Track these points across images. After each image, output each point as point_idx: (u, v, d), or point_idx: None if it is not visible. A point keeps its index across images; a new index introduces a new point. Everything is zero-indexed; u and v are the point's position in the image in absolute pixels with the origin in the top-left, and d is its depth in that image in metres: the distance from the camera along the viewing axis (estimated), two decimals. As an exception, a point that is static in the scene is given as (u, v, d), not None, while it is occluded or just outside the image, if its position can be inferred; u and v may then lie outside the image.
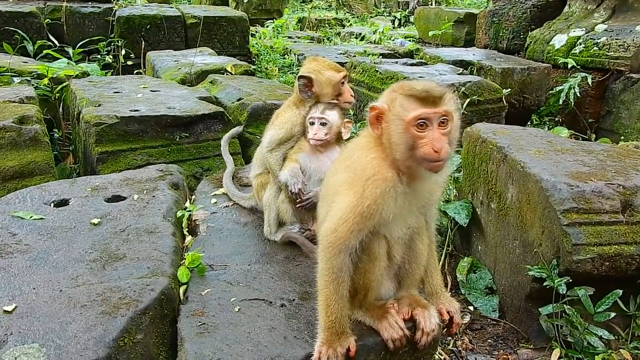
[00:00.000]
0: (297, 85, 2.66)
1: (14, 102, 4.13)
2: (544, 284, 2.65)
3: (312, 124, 2.54)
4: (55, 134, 4.91)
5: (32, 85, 4.99)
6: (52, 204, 2.80)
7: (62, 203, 2.82)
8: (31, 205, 2.77)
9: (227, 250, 2.49)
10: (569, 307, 2.66)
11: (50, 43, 6.76)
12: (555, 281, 2.62)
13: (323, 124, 2.52)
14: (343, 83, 2.65)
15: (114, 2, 8.36)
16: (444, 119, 1.76)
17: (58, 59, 5.91)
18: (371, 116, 1.86)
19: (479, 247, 3.42)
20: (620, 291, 2.66)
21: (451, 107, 1.78)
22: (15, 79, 5.14)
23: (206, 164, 3.98)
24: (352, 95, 2.67)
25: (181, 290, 2.19)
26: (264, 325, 1.95)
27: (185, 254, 2.38)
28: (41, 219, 2.62)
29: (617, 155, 3.13)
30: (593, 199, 2.67)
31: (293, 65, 8.13)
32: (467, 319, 3.09)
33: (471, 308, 3.18)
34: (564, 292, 2.63)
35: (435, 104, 1.75)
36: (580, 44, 6.41)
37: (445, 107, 1.76)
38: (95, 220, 2.59)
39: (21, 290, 2.07)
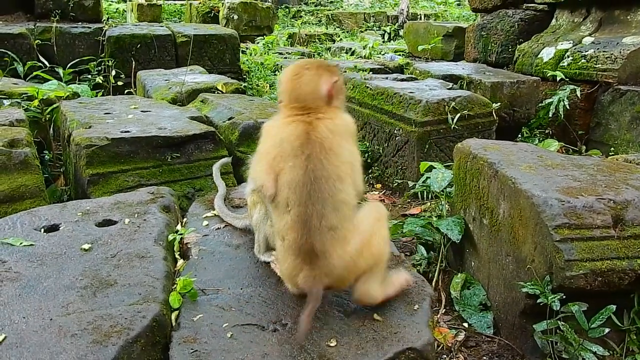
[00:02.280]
0: None
1: (4, 125, 4.11)
2: (538, 300, 2.64)
3: None
4: (46, 156, 4.89)
5: (22, 107, 4.97)
6: (43, 230, 2.77)
7: (53, 228, 2.79)
8: (21, 231, 2.74)
9: (219, 273, 2.47)
10: (563, 323, 2.66)
11: (40, 64, 6.76)
12: (549, 297, 2.61)
13: None
14: None
15: (104, 22, 8.38)
16: None
17: (48, 80, 5.90)
18: None
19: (473, 263, 3.42)
20: (614, 306, 2.65)
21: None
22: (5, 101, 5.12)
23: (198, 184, 3.97)
24: None
25: (173, 316, 2.17)
26: (257, 352, 1.93)
27: (177, 278, 2.36)
28: (31, 245, 2.60)
29: (607, 170, 3.14)
30: (584, 214, 2.67)
31: (284, 81, 8.14)
32: (461, 336, 3.08)
33: (465, 325, 3.17)
34: (558, 309, 2.62)
35: None
36: (568, 56, 6.46)
37: None
38: (86, 246, 2.57)
39: (11, 319, 2.05)
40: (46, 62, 6.92)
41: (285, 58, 9.99)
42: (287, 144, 2.11)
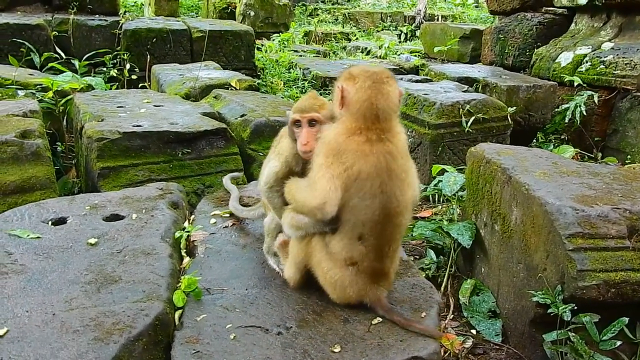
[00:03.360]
0: None
1: (17, 115, 4.11)
2: (549, 310, 2.59)
3: None
4: (59, 147, 4.89)
5: (37, 98, 4.98)
6: (50, 222, 2.76)
7: (60, 221, 2.78)
8: (29, 223, 2.73)
9: (225, 273, 2.44)
10: (573, 334, 2.60)
11: (57, 55, 6.78)
12: (560, 307, 2.55)
13: None
14: (298, 126, 2.27)
15: (121, 15, 8.39)
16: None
17: (64, 71, 5.91)
18: None
19: (483, 269, 3.36)
20: (627, 319, 2.59)
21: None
22: (20, 91, 5.13)
23: (208, 181, 3.94)
24: (305, 145, 2.21)
25: (176, 315, 2.14)
26: (260, 355, 1.89)
27: (182, 276, 2.33)
28: (38, 237, 2.58)
29: (623, 178, 3.08)
30: (599, 223, 2.61)
31: (298, 79, 8.12)
32: (469, 343, 3.03)
33: (474, 332, 3.12)
34: (569, 319, 2.56)
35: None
36: (587, 62, 6.37)
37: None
38: (92, 240, 2.55)
39: (14, 312, 2.03)
40: (62, 54, 6.93)
41: (301, 56, 9.95)
42: (368, 182, 2.01)
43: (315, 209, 2.03)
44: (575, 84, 6.18)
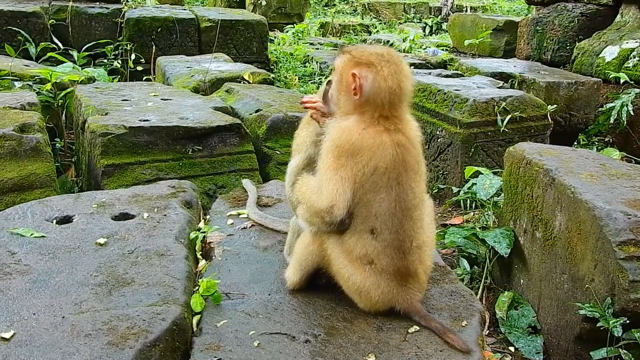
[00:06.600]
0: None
1: (15, 108, 4.18)
2: (597, 324, 2.59)
3: None
4: (57, 144, 4.96)
5: (34, 90, 5.05)
6: (55, 221, 2.81)
7: (66, 220, 2.83)
8: (32, 221, 2.78)
9: (245, 277, 2.47)
10: (625, 351, 2.60)
11: (54, 45, 6.87)
12: (610, 322, 2.56)
13: None
14: None
15: (123, 2, 8.49)
16: None
17: (62, 62, 5.99)
18: None
19: (521, 281, 3.37)
20: (684, 335, 2.59)
21: None
22: (16, 83, 5.22)
23: (220, 181, 3.99)
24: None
25: (194, 320, 2.18)
26: (287, 363, 1.93)
27: (199, 280, 2.37)
28: (42, 237, 2.63)
29: (679, 182, 3.07)
30: (653, 230, 2.62)
31: (314, 74, 8.17)
32: (507, 361, 3.04)
33: (512, 349, 3.12)
34: (620, 335, 2.57)
35: None
36: (634, 56, 6.35)
37: None
38: (101, 240, 2.60)
39: (20, 315, 2.07)
40: (60, 44, 7.02)
41: (317, 49, 10.01)
42: (385, 175, 2.07)
43: (322, 212, 2.09)
44: (622, 80, 6.16)
